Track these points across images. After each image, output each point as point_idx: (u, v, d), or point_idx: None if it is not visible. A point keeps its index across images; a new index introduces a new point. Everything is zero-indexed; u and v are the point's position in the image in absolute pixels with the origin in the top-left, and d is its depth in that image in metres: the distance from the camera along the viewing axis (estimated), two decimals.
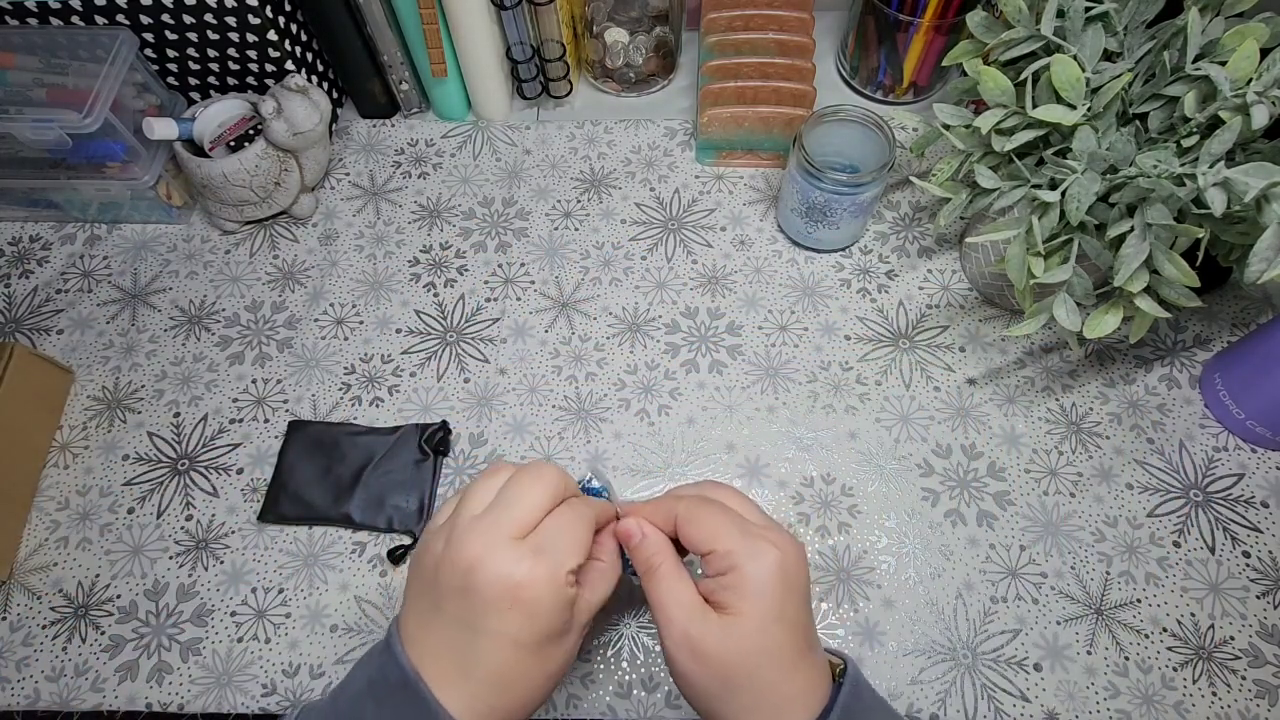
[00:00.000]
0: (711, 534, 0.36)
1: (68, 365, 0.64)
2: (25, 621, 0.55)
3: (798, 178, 0.62)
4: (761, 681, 0.34)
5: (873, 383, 0.62)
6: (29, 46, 0.64)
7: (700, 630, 0.34)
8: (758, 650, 0.34)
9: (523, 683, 0.35)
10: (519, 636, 0.34)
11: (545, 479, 0.36)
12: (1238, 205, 0.44)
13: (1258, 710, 0.50)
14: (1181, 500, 0.57)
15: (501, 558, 0.33)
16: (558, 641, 0.35)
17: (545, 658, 0.35)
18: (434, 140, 0.76)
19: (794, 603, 0.35)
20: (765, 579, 0.35)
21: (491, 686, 0.34)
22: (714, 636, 0.34)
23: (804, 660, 0.35)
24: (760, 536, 0.36)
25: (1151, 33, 0.52)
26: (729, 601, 0.35)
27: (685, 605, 0.35)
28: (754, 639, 0.34)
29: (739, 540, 0.35)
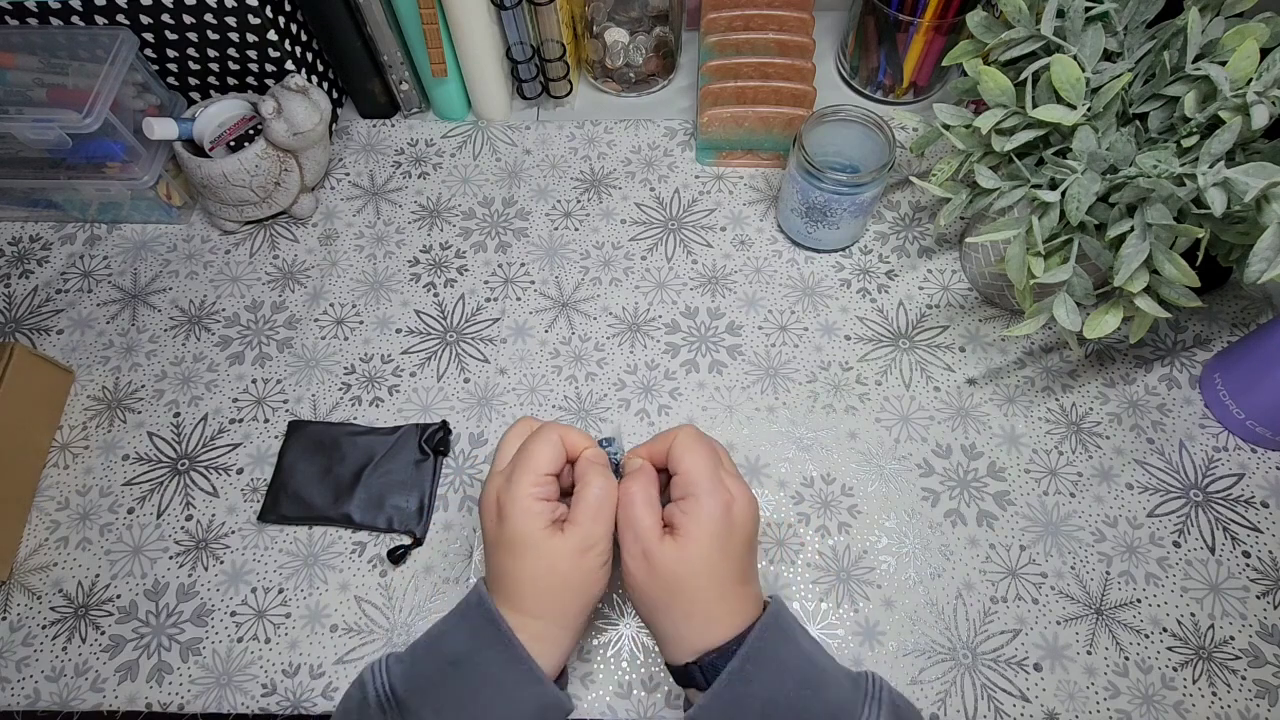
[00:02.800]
0: (691, 463, 0.43)
1: (68, 365, 0.64)
2: (25, 621, 0.55)
3: (798, 178, 0.62)
4: (699, 596, 0.41)
5: (873, 383, 0.62)
6: (29, 46, 0.64)
7: (656, 548, 0.41)
8: (698, 571, 0.41)
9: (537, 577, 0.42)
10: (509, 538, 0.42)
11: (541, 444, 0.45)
12: (1238, 205, 0.44)
13: (1258, 710, 0.50)
14: (1181, 500, 0.57)
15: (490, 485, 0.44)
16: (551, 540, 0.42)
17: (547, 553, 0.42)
18: (434, 140, 0.76)
19: (736, 540, 0.42)
20: (714, 513, 0.41)
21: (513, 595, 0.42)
22: (666, 554, 0.41)
23: (739, 588, 0.42)
24: (722, 481, 0.43)
25: (1151, 33, 0.52)
26: (683, 526, 0.41)
27: (648, 527, 0.42)
28: (696, 561, 0.41)
29: (706, 475, 0.42)
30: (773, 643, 0.41)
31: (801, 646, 0.42)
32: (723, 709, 0.40)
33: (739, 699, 0.39)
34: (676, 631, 0.41)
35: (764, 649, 0.40)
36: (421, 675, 0.42)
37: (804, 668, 0.41)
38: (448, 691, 0.41)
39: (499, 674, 0.41)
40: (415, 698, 0.41)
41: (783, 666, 0.40)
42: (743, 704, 0.39)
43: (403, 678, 0.42)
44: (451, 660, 0.41)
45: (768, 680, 0.40)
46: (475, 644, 0.42)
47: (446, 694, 0.41)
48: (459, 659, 0.41)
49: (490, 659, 0.41)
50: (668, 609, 0.41)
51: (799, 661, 0.41)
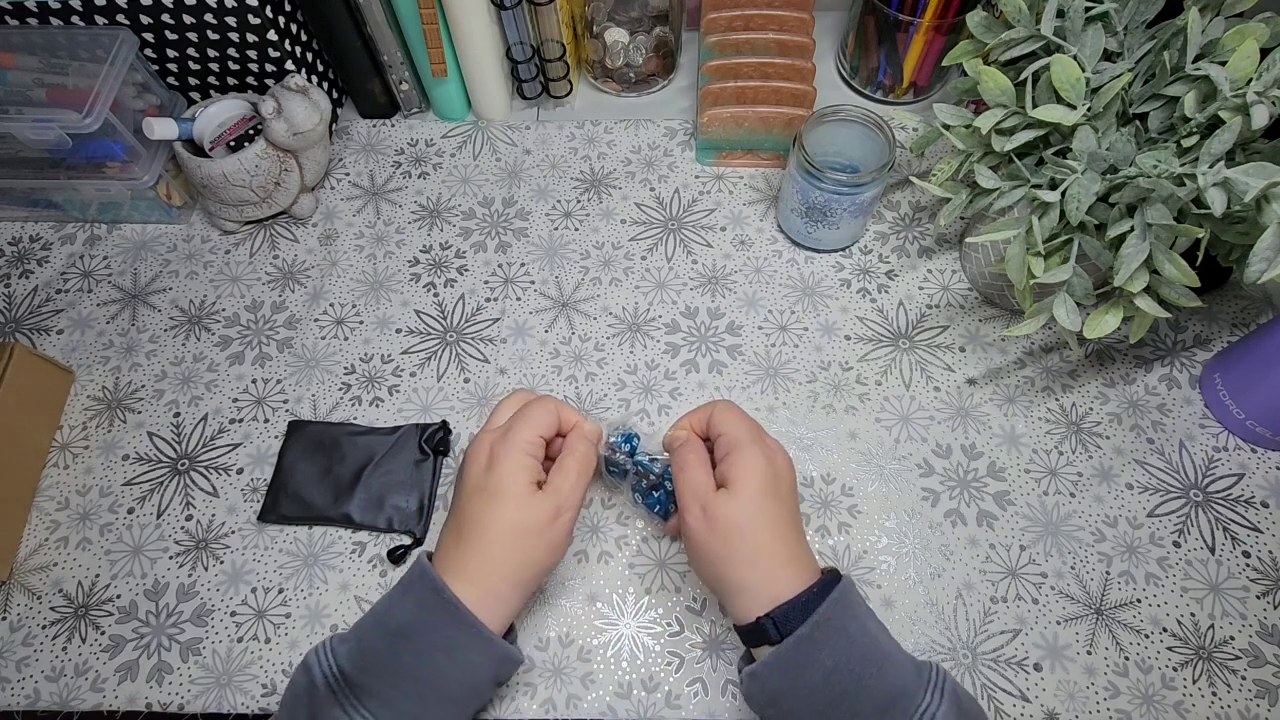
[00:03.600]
0: (732, 425, 0.47)
1: (68, 365, 0.64)
2: (25, 621, 0.55)
3: (798, 178, 0.62)
4: (760, 541, 0.44)
5: (873, 383, 0.62)
6: (29, 46, 0.64)
7: (710, 500, 0.44)
8: (754, 515, 0.44)
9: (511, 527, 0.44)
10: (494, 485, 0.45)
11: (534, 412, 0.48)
12: (1238, 205, 0.44)
13: (1258, 710, 0.50)
14: (1181, 500, 0.57)
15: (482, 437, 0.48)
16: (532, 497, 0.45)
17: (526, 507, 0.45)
18: (434, 140, 0.76)
19: (783, 487, 0.46)
20: (759, 463, 0.45)
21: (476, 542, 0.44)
22: (722, 505, 0.44)
23: (795, 537, 0.45)
24: (762, 441, 0.47)
25: (1151, 33, 0.52)
26: (732, 477, 0.45)
27: (702, 484, 0.45)
28: (750, 506, 0.44)
29: (747, 435, 0.46)
30: (841, 616, 0.42)
31: (868, 626, 0.43)
32: (787, 669, 0.41)
33: (804, 663, 0.41)
34: (745, 581, 0.43)
35: (833, 619, 0.42)
36: (370, 651, 0.42)
37: (869, 645, 0.42)
38: (398, 663, 0.42)
39: (449, 638, 0.42)
40: (365, 674, 0.42)
41: (850, 640, 0.42)
42: (807, 668, 0.41)
43: (349, 657, 0.42)
44: (398, 632, 0.43)
45: (835, 650, 0.41)
46: (421, 612, 0.43)
47: (397, 665, 0.42)
48: (406, 630, 0.43)
49: (437, 625, 0.43)
50: (732, 558, 0.44)
51: (865, 639, 0.42)
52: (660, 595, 0.55)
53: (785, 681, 0.41)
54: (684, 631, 0.53)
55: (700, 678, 0.52)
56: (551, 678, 0.52)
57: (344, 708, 0.41)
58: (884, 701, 0.40)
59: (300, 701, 0.42)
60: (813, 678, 0.41)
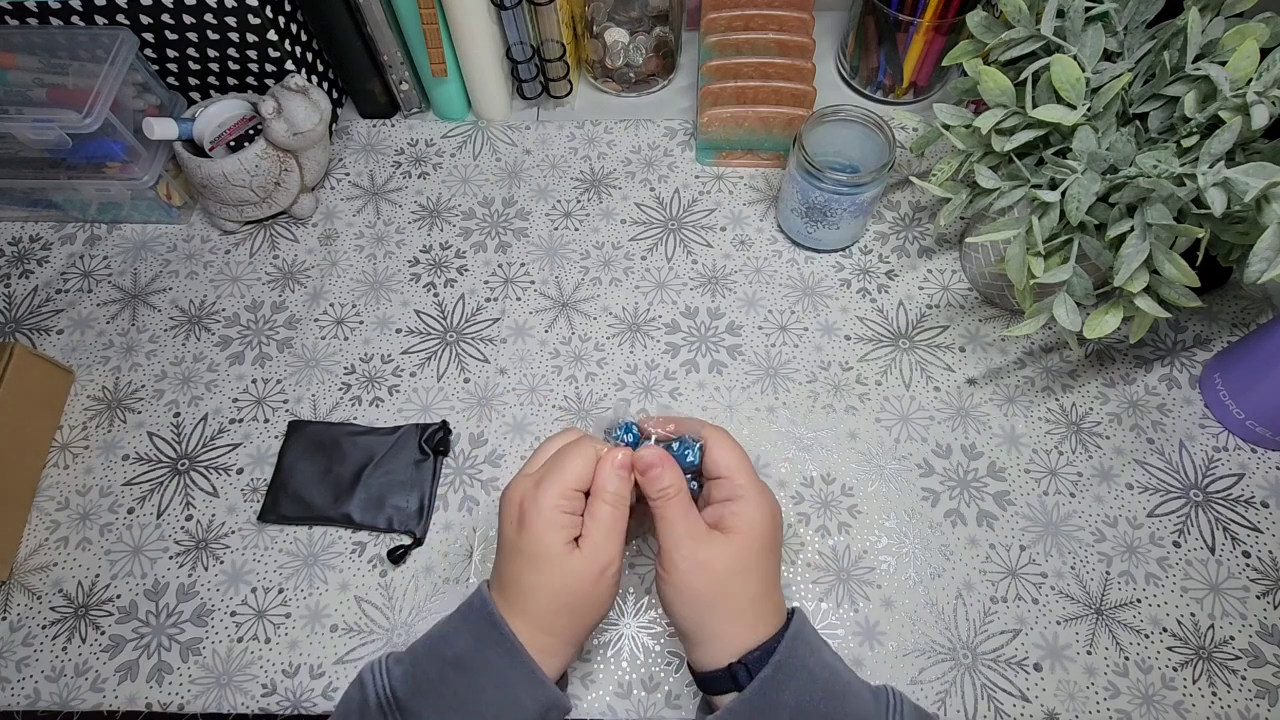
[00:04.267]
0: (734, 464, 0.44)
1: (68, 365, 0.64)
2: (25, 621, 0.55)
3: (798, 178, 0.62)
4: (748, 593, 0.42)
5: (873, 383, 0.62)
6: (29, 46, 0.64)
7: (706, 547, 0.42)
8: (749, 567, 0.42)
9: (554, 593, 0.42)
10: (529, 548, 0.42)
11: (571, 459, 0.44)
12: (1238, 205, 0.44)
13: (1258, 710, 0.50)
14: (1181, 500, 0.57)
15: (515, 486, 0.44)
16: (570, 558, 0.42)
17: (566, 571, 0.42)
18: (434, 140, 0.76)
19: (777, 542, 0.44)
20: (764, 515, 0.43)
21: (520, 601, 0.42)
22: (718, 551, 0.42)
23: (776, 587, 0.44)
24: (763, 489, 0.44)
25: (1151, 33, 0.52)
26: (734, 526, 0.42)
27: (696, 527, 0.42)
28: (748, 557, 0.42)
29: (750, 479, 0.44)
30: (802, 652, 0.41)
31: (825, 658, 0.42)
32: (752, 714, 0.40)
33: (769, 706, 0.40)
34: (725, 630, 0.42)
35: (794, 657, 0.41)
36: (423, 677, 0.42)
37: (829, 678, 0.41)
38: (450, 692, 0.41)
39: (502, 675, 0.41)
40: (417, 699, 0.41)
41: (811, 676, 0.41)
42: (773, 711, 0.40)
43: (403, 680, 0.42)
44: (454, 662, 0.42)
45: (798, 688, 0.40)
46: (478, 646, 0.42)
47: (449, 695, 0.41)
48: (461, 661, 0.42)
49: (493, 660, 0.41)
50: (718, 608, 0.42)
51: (825, 672, 0.41)
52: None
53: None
54: None
55: None
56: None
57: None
58: None
59: (353, 716, 0.42)
60: (781, 716, 0.40)
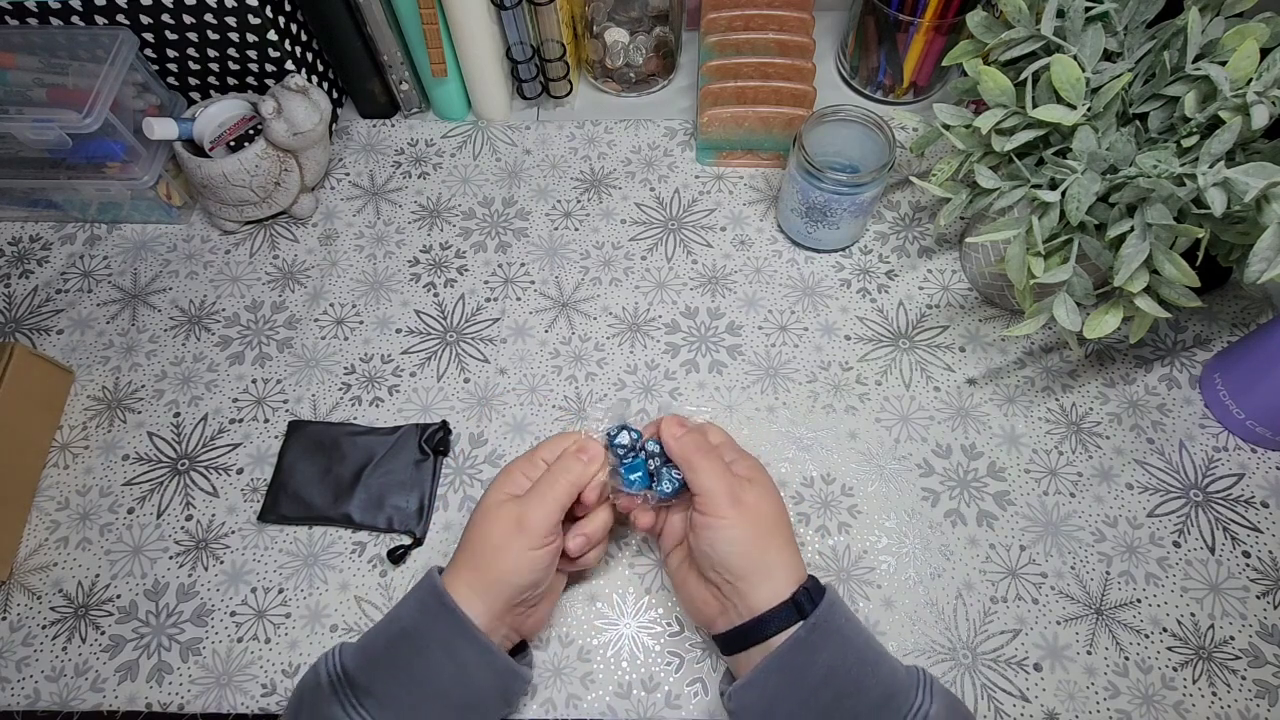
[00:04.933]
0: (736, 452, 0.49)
1: (68, 365, 0.64)
2: (25, 621, 0.55)
3: (798, 178, 0.62)
4: (784, 528, 0.46)
5: (873, 383, 0.62)
6: (29, 46, 0.64)
7: (740, 487, 0.46)
8: (777, 506, 0.47)
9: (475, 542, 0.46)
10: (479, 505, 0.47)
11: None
12: (1238, 205, 0.44)
13: (1258, 710, 0.50)
14: (1181, 500, 0.57)
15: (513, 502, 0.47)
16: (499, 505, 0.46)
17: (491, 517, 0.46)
18: (434, 140, 0.76)
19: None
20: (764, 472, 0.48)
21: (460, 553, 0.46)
22: (749, 490, 0.46)
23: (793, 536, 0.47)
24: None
25: (1151, 33, 0.52)
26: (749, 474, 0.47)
27: (726, 474, 0.46)
28: (773, 497, 0.47)
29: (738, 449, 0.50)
30: (837, 617, 0.43)
31: (861, 628, 0.45)
32: (785, 671, 0.42)
33: (803, 665, 0.42)
34: (781, 559, 0.45)
35: (830, 620, 0.43)
36: (372, 651, 0.44)
37: (864, 646, 0.43)
38: (398, 664, 0.43)
39: (447, 642, 0.43)
40: (366, 674, 0.43)
41: (846, 640, 0.43)
42: (807, 670, 0.42)
43: (353, 657, 0.44)
44: (399, 635, 0.44)
45: (832, 650, 0.42)
46: (423, 617, 0.44)
47: (397, 666, 0.43)
48: (406, 631, 0.44)
49: (436, 627, 0.44)
50: (775, 536, 0.45)
51: (860, 640, 0.44)
52: (660, 595, 0.55)
53: (784, 684, 0.42)
54: (684, 631, 0.53)
55: (700, 678, 0.52)
56: (551, 678, 0.52)
57: (343, 706, 0.42)
58: (880, 699, 0.41)
59: (304, 699, 0.44)
60: (812, 678, 0.41)
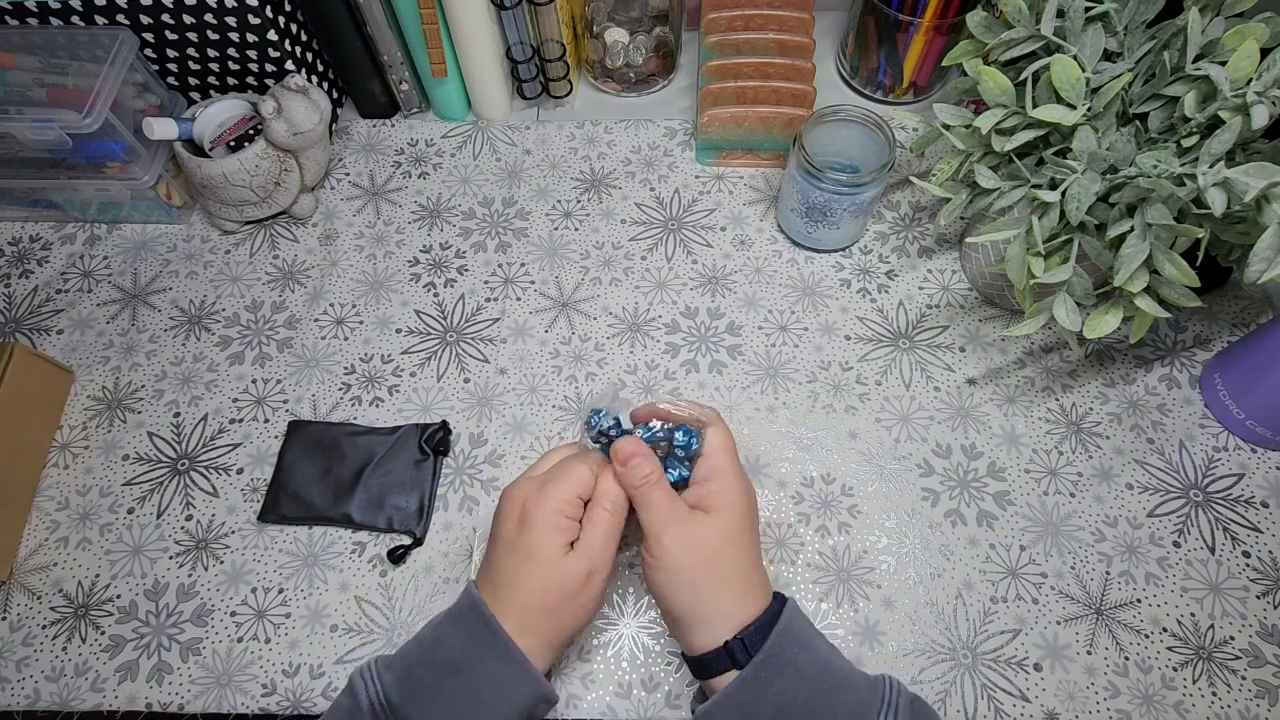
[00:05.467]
0: (716, 443, 0.46)
1: (68, 365, 0.64)
2: (25, 621, 0.55)
3: (798, 178, 0.62)
4: (738, 567, 0.43)
5: (873, 383, 0.62)
6: (29, 46, 0.64)
7: (692, 528, 0.43)
8: (733, 542, 0.43)
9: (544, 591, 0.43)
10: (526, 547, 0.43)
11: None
12: (1238, 205, 0.44)
13: (1258, 710, 0.50)
14: (1181, 500, 0.57)
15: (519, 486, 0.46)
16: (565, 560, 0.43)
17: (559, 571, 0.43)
18: (434, 140, 0.76)
19: (755, 521, 0.46)
20: (739, 498, 0.44)
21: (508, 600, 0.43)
22: (704, 529, 0.43)
23: (761, 565, 0.45)
24: (740, 468, 0.46)
25: (1151, 33, 0.52)
26: (712, 504, 0.44)
27: (680, 509, 0.43)
28: (732, 533, 0.43)
29: (730, 460, 0.45)
30: (790, 647, 0.41)
31: (818, 653, 0.42)
32: (737, 709, 0.40)
33: (753, 701, 0.40)
34: (718, 607, 0.42)
35: (781, 654, 0.41)
36: (417, 682, 0.42)
37: (820, 675, 0.41)
38: (445, 697, 0.41)
39: (496, 675, 0.42)
40: (411, 705, 0.41)
41: (798, 672, 0.41)
42: (759, 706, 0.40)
43: (395, 685, 0.42)
44: (448, 666, 0.42)
45: (783, 685, 0.40)
46: (472, 648, 0.42)
47: (444, 699, 0.41)
48: (456, 664, 0.42)
49: (487, 661, 0.42)
50: (711, 585, 0.42)
51: (815, 668, 0.41)
52: None
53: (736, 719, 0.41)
54: None
55: None
56: (552, 678, 0.52)
57: None
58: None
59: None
60: (763, 715, 0.40)
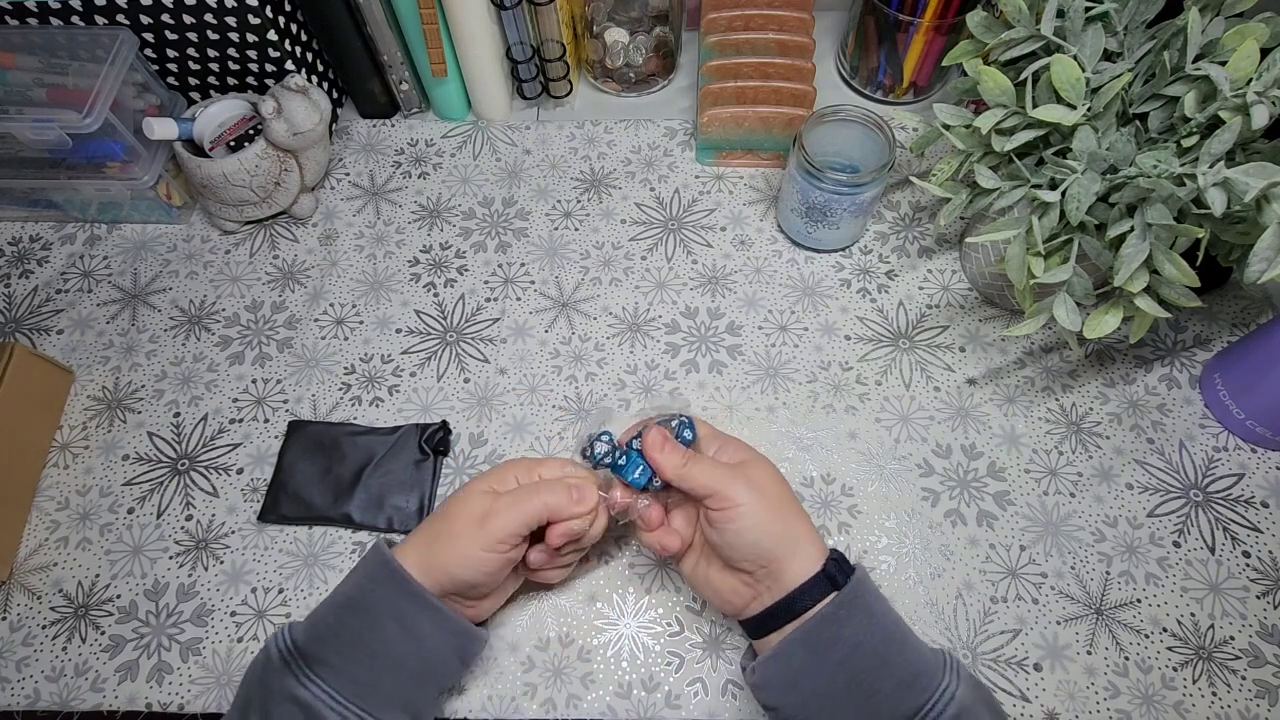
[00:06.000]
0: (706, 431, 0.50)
1: (68, 365, 0.64)
2: (25, 621, 0.55)
3: (798, 178, 0.62)
4: (795, 500, 0.46)
5: (873, 383, 0.62)
6: (29, 46, 0.64)
7: (748, 470, 0.45)
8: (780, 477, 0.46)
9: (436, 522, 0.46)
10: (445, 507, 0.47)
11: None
12: (1238, 205, 0.44)
13: (1258, 710, 0.50)
14: (1181, 500, 0.57)
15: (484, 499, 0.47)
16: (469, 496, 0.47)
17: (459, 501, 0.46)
18: (434, 140, 0.76)
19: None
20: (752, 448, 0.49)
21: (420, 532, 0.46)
22: (759, 469, 0.46)
23: None
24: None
25: (1151, 33, 0.52)
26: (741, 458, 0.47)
27: (720, 465, 0.45)
28: (774, 470, 0.46)
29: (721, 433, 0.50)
30: (867, 594, 0.43)
31: (889, 607, 0.44)
32: (811, 644, 0.42)
33: (829, 639, 0.42)
34: (807, 529, 0.45)
35: (860, 597, 0.43)
36: (321, 623, 0.44)
37: (892, 625, 0.43)
38: (349, 632, 0.43)
39: (397, 607, 0.43)
40: (317, 645, 0.43)
41: (873, 617, 0.43)
42: (832, 644, 0.42)
43: (303, 631, 0.44)
44: (347, 604, 0.44)
45: (858, 626, 0.42)
46: (369, 583, 0.44)
47: (348, 635, 0.43)
48: (354, 601, 0.44)
49: (385, 594, 0.44)
50: (792, 508, 0.45)
51: (888, 618, 0.43)
52: (660, 595, 0.55)
53: (809, 657, 0.42)
54: (684, 631, 0.53)
55: (700, 677, 0.52)
56: (551, 678, 0.52)
57: (297, 678, 0.42)
58: (906, 677, 0.41)
59: (255, 676, 0.44)
60: (838, 652, 0.41)
